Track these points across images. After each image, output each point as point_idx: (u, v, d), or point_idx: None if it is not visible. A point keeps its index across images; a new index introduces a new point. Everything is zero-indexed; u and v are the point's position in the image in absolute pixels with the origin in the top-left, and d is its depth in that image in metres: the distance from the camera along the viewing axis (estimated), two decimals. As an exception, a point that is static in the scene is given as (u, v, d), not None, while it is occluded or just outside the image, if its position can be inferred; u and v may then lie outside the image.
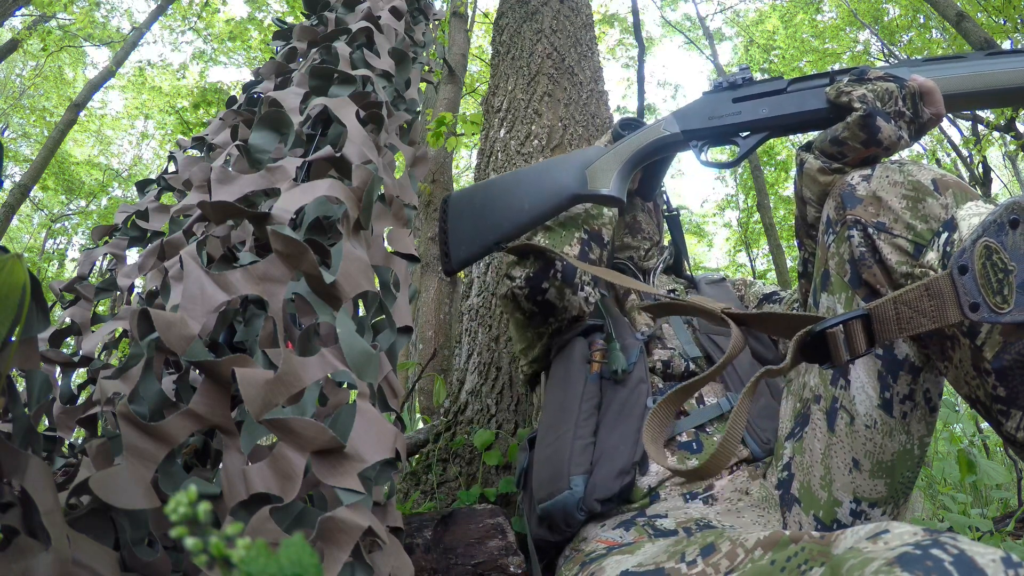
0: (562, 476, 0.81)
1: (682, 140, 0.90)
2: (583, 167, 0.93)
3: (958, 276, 0.53)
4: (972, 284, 0.53)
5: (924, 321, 0.55)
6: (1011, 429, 0.61)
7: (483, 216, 0.97)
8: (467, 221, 0.98)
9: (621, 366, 0.89)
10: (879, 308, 0.57)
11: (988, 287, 0.52)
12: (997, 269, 0.52)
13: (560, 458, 0.83)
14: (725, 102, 0.88)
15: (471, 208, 0.99)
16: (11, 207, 5.82)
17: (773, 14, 9.46)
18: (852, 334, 0.58)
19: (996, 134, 6.19)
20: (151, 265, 0.66)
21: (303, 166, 0.59)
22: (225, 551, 0.19)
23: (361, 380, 0.46)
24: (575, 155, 0.96)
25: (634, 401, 0.87)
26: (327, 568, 0.38)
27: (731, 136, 0.88)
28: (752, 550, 0.49)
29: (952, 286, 0.53)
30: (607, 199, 0.91)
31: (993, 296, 0.52)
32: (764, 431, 0.86)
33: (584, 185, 0.92)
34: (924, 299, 0.55)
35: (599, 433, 0.85)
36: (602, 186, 0.91)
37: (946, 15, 4.54)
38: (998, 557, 0.32)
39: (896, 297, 0.56)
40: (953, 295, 0.54)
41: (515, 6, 2.19)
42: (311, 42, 0.82)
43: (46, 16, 7.32)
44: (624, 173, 0.92)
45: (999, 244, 0.52)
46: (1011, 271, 0.51)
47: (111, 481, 0.36)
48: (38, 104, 9.82)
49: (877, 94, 0.75)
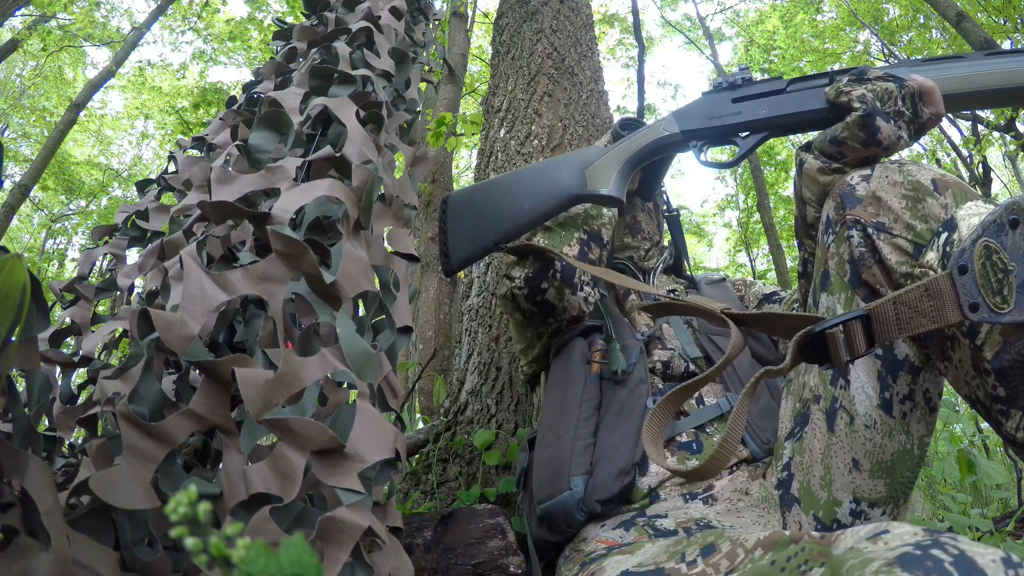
0: (562, 476, 0.81)
1: (681, 140, 0.90)
2: (583, 167, 0.93)
3: (958, 276, 0.53)
4: (972, 284, 0.52)
5: (924, 321, 0.55)
6: (1011, 429, 0.61)
7: (483, 216, 0.97)
8: (467, 221, 0.98)
9: (621, 367, 0.89)
10: (879, 309, 0.57)
11: (988, 287, 0.52)
12: (997, 269, 0.52)
13: (560, 458, 0.83)
14: (725, 102, 0.88)
15: (471, 208, 0.99)
16: (11, 207, 5.82)
17: (773, 14, 9.46)
18: (852, 334, 0.58)
19: (996, 134, 6.19)
20: (151, 265, 0.66)
21: (303, 166, 0.59)
22: (225, 551, 0.19)
23: (361, 380, 0.46)
24: (575, 155, 0.96)
25: (634, 401, 0.87)
26: (327, 568, 0.38)
27: (730, 136, 0.88)
28: (752, 550, 0.49)
29: (952, 286, 0.53)
30: (606, 199, 0.91)
31: (993, 296, 0.52)
32: (764, 431, 0.86)
33: (584, 185, 0.92)
34: (924, 299, 0.55)
35: (599, 433, 0.85)
36: (601, 186, 0.91)
37: (946, 15, 4.54)
38: (998, 557, 0.32)
39: (896, 298, 0.56)
40: (953, 295, 0.53)
41: (515, 6, 2.19)
42: (311, 42, 0.82)
43: (46, 16, 7.32)
44: (624, 173, 0.92)
45: (999, 244, 0.52)
46: (1011, 271, 0.51)
47: (111, 481, 0.36)
48: (38, 104, 9.82)
49: (876, 94, 0.75)
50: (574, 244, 0.99)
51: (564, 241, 0.99)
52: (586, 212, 1.02)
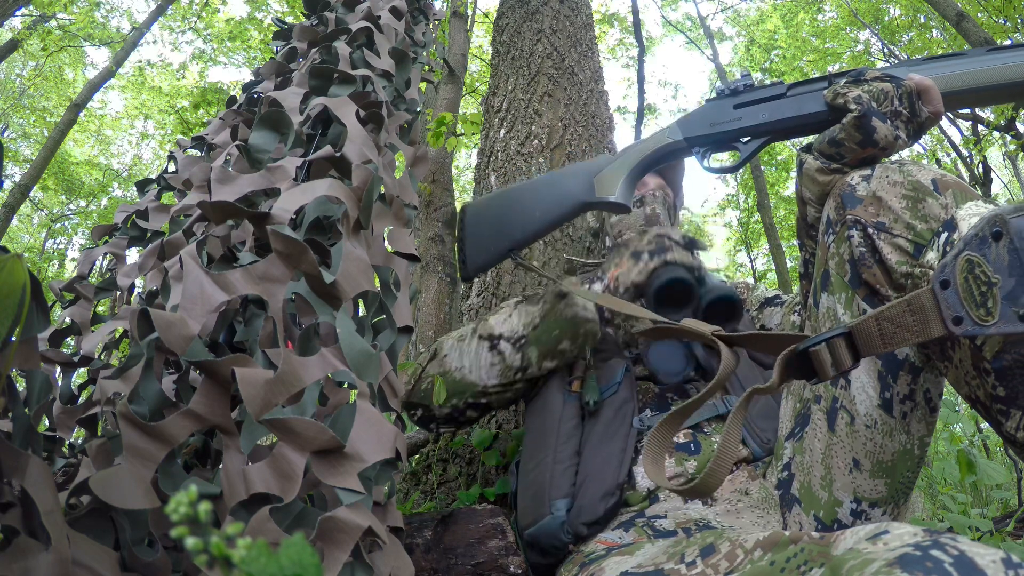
0: (543, 502, 0.82)
1: (685, 147, 0.92)
2: (591, 175, 0.95)
3: (940, 291, 0.53)
4: (954, 298, 0.52)
5: (908, 336, 0.55)
6: (1011, 429, 0.61)
7: (498, 224, 1.00)
8: (483, 229, 1.01)
9: (594, 398, 0.89)
10: (861, 325, 0.57)
11: (971, 300, 0.52)
12: (980, 282, 0.52)
13: (540, 483, 0.84)
14: (727, 108, 0.89)
15: (487, 216, 1.02)
16: (11, 207, 5.82)
17: (774, 14, 9.46)
18: (836, 351, 0.59)
19: (996, 134, 6.19)
20: (151, 265, 0.66)
21: (303, 166, 0.59)
22: (225, 551, 0.19)
23: (361, 380, 0.46)
24: (585, 164, 0.98)
25: (619, 422, 0.87)
26: (327, 568, 0.38)
27: (732, 141, 0.89)
28: (751, 551, 0.49)
29: (934, 301, 0.53)
30: (613, 205, 0.93)
31: (977, 309, 0.52)
32: (764, 431, 0.86)
33: (592, 193, 0.94)
34: (906, 314, 0.55)
35: (583, 454, 0.86)
36: (608, 193, 0.92)
37: (946, 15, 4.54)
38: (998, 558, 0.32)
39: (878, 314, 0.56)
40: (935, 309, 0.53)
41: (515, 6, 2.19)
42: (311, 42, 0.82)
43: (46, 16, 7.31)
44: (630, 181, 0.94)
45: (981, 257, 0.51)
46: (995, 283, 0.51)
47: (111, 481, 0.36)
48: (38, 104, 9.82)
49: (873, 94, 0.75)
50: (548, 360, 0.95)
51: (544, 343, 0.95)
52: (582, 325, 0.95)
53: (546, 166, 1.68)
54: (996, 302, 0.50)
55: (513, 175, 1.69)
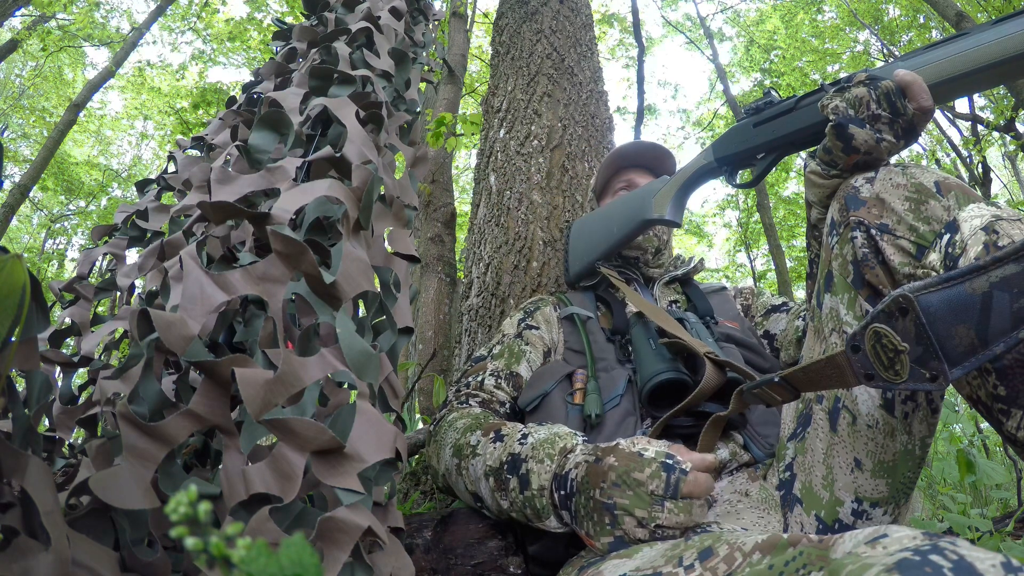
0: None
1: (716, 167, 1.02)
2: (651, 196, 1.09)
3: (851, 354, 0.61)
4: (865, 360, 0.60)
5: (830, 383, 0.65)
6: (1012, 429, 0.61)
7: (590, 238, 1.20)
8: (580, 242, 1.23)
9: (595, 411, 0.89)
10: (791, 375, 0.68)
11: (879, 364, 0.58)
12: (887, 350, 0.57)
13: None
14: (748, 128, 0.97)
15: (581, 232, 1.24)
16: (11, 207, 5.82)
17: (774, 14, 9.46)
18: (776, 389, 0.71)
19: (996, 134, 6.19)
20: (151, 265, 0.66)
21: (303, 166, 0.59)
22: (225, 551, 0.19)
23: (361, 380, 0.46)
24: (648, 185, 1.12)
25: (622, 434, 0.87)
26: (327, 568, 0.38)
27: (751, 159, 0.98)
28: (750, 554, 0.49)
29: (848, 361, 0.61)
30: (667, 221, 1.07)
31: (885, 371, 0.58)
32: (766, 437, 0.86)
33: (651, 211, 1.08)
34: (827, 368, 0.64)
35: None
36: (662, 211, 1.06)
37: (945, 15, 4.55)
38: (998, 562, 0.32)
39: (805, 367, 0.66)
40: (849, 368, 0.61)
41: (515, 6, 2.18)
42: (311, 42, 0.82)
43: (46, 16, 7.31)
44: (678, 199, 1.06)
45: (889, 329, 0.56)
46: (902, 351, 0.56)
47: (111, 481, 0.36)
48: (38, 104, 9.82)
49: (849, 102, 0.77)
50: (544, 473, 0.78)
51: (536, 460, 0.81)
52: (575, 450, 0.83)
53: (545, 166, 1.68)
54: (904, 365, 0.56)
55: (513, 175, 1.69)
